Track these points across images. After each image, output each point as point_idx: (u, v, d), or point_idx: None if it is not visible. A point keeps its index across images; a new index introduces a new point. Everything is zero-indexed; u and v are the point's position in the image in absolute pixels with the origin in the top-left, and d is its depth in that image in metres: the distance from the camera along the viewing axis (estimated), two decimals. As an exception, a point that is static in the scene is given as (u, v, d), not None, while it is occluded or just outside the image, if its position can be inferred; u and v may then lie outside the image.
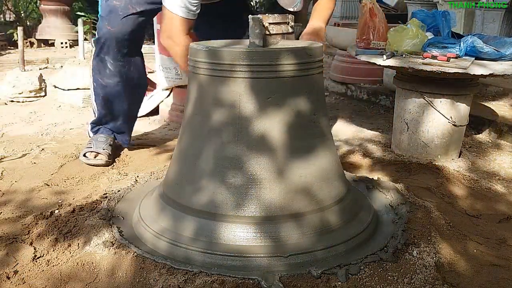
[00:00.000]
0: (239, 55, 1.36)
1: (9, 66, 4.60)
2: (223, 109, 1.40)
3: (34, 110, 3.25)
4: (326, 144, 1.51)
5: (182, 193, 1.47)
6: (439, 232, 1.52)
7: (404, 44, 2.23)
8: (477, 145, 2.60)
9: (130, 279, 1.27)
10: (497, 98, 3.27)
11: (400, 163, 2.26)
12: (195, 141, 1.47)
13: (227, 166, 1.39)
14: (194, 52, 1.46)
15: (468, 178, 2.11)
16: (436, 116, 2.24)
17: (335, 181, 1.51)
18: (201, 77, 1.45)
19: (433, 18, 2.45)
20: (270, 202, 1.37)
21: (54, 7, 6.37)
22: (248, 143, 1.39)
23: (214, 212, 1.38)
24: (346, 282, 1.24)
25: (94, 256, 1.35)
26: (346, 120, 3.13)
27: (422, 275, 1.28)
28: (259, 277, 1.24)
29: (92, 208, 1.66)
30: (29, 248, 1.44)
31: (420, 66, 2.05)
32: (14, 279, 1.30)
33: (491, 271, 1.38)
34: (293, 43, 1.59)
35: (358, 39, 2.46)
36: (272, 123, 1.39)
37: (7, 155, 2.33)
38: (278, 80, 1.39)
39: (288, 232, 1.36)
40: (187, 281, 1.23)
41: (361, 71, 3.77)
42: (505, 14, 4.12)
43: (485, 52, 2.13)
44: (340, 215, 1.46)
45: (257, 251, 1.33)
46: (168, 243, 1.40)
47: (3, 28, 6.72)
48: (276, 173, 1.39)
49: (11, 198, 1.85)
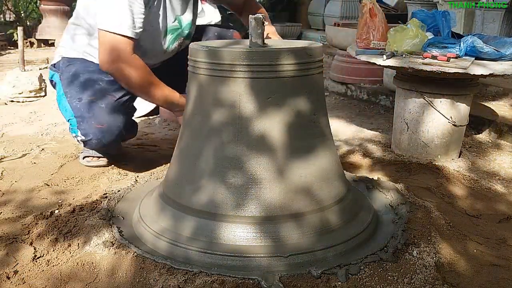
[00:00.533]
0: (239, 55, 1.36)
1: (9, 66, 4.60)
2: (223, 109, 1.40)
3: (34, 110, 3.25)
4: (326, 144, 1.51)
5: (182, 193, 1.47)
6: (439, 232, 1.52)
7: (404, 44, 2.23)
8: (477, 145, 2.60)
9: (130, 279, 1.28)
10: (497, 98, 3.27)
11: (400, 163, 2.26)
12: (195, 141, 1.47)
13: (227, 166, 1.39)
14: (194, 52, 1.46)
15: (468, 178, 2.11)
16: (436, 116, 2.24)
17: (335, 181, 1.51)
18: (201, 77, 1.45)
19: (433, 18, 2.45)
20: (270, 202, 1.37)
21: (54, 7, 6.37)
22: (248, 143, 1.39)
23: (214, 212, 1.38)
24: (346, 282, 1.24)
25: (94, 256, 1.35)
26: (346, 120, 3.13)
27: (422, 275, 1.28)
28: (259, 277, 1.24)
29: (92, 208, 1.66)
30: (29, 248, 1.44)
31: (420, 66, 2.05)
32: (14, 279, 1.30)
33: (491, 271, 1.38)
34: (293, 43, 1.59)
35: (358, 39, 2.46)
36: (272, 123, 1.39)
37: (7, 155, 2.33)
38: (278, 80, 1.39)
39: (288, 232, 1.36)
40: (187, 281, 1.23)
41: (361, 71, 3.78)
42: (505, 14, 4.12)
43: (485, 52, 2.13)
44: (340, 215, 1.46)
45: (257, 251, 1.33)
46: (168, 243, 1.40)
47: (3, 28, 6.73)
48: (276, 173, 1.39)
49: (11, 198, 1.85)
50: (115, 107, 1.90)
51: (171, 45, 2.07)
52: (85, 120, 1.88)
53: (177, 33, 2.06)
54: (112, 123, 1.88)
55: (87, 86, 1.92)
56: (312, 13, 6.71)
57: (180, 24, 2.05)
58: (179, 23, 2.05)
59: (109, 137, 1.89)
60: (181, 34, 2.08)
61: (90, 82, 1.93)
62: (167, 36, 2.03)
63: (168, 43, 2.06)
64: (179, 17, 2.05)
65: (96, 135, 1.88)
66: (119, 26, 1.77)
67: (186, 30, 2.10)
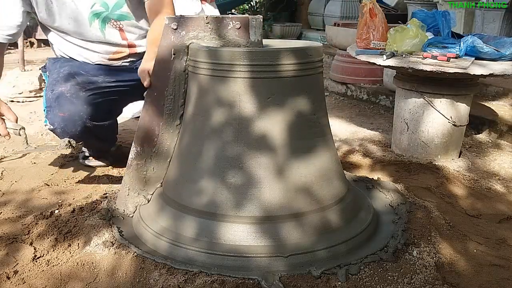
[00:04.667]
0: (239, 55, 1.36)
1: (9, 66, 4.59)
2: (223, 109, 1.40)
3: (34, 110, 3.25)
4: (326, 144, 1.51)
5: (182, 193, 1.47)
6: (439, 232, 1.52)
7: (404, 44, 2.24)
8: (477, 145, 2.60)
9: (130, 279, 1.28)
10: (497, 98, 3.27)
11: (400, 163, 2.26)
12: (195, 141, 1.47)
13: (227, 166, 1.39)
14: (194, 52, 1.46)
15: (468, 178, 2.11)
16: (436, 116, 2.24)
17: (335, 180, 1.51)
18: (201, 77, 1.45)
19: (433, 18, 2.45)
20: (270, 202, 1.37)
21: (54, 7, 6.37)
22: (248, 143, 1.39)
23: (214, 212, 1.38)
24: (346, 282, 1.24)
25: (94, 256, 1.35)
26: (346, 120, 3.13)
27: (422, 275, 1.28)
28: (259, 277, 1.24)
29: (92, 208, 1.66)
30: (29, 248, 1.44)
31: (420, 66, 2.05)
32: (14, 279, 1.30)
33: (491, 271, 1.38)
34: (293, 43, 1.59)
35: (358, 39, 2.46)
36: (272, 123, 1.39)
37: (7, 155, 2.33)
38: (278, 80, 1.39)
39: (288, 232, 1.36)
40: (187, 281, 1.23)
41: (361, 71, 3.78)
42: (505, 14, 4.11)
43: (485, 52, 2.13)
44: (340, 215, 1.46)
45: (257, 251, 1.33)
46: (168, 243, 1.40)
47: (3, 28, 6.71)
48: (276, 173, 1.39)
49: (11, 198, 1.85)
50: (79, 97, 1.90)
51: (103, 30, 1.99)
52: (51, 109, 1.91)
53: (104, 16, 1.97)
54: (73, 111, 1.88)
55: (62, 79, 1.95)
56: (312, 13, 6.71)
57: (106, 6, 1.96)
58: (105, 6, 1.95)
59: (71, 126, 1.89)
60: (110, 16, 1.98)
61: (67, 76, 1.96)
62: (93, 23, 1.97)
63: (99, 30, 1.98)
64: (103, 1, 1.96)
65: (59, 123, 1.89)
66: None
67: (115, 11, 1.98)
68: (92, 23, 1.95)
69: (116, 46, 2.03)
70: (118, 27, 2.00)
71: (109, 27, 1.98)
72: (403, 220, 1.56)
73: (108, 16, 1.96)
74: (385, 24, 2.41)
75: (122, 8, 1.97)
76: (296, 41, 1.68)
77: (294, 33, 6.53)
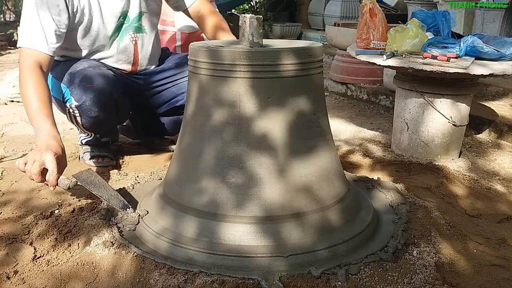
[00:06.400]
0: (240, 55, 1.36)
1: (9, 66, 4.61)
2: (223, 109, 1.40)
3: (34, 110, 3.25)
4: (326, 143, 1.51)
5: (183, 192, 1.47)
6: (439, 232, 1.52)
7: (404, 44, 2.24)
8: (477, 145, 2.60)
9: (130, 279, 1.28)
10: (497, 98, 3.27)
11: (400, 163, 2.26)
12: (196, 140, 1.47)
13: (227, 165, 1.39)
14: (195, 52, 1.46)
15: (468, 178, 2.11)
16: (436, 116, 2.24)
17: (336, 180, 1.51)
18: (201, 77, 1.45)
19: (433, 18, 2.45)
20: (271, 201, 1.37)
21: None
22: (248, 142, 1.39)
23: (215, 212, 1.38)
24: (346, 282, 1.24)
25: (94, 256, 1.35)
26: (346, 120, 3.13)
27: (422, 275, 1.28)
28: (259, 277, 1.24)
29: (92, 208, 1.66)
30: (29, 248, 1.44)
31: (420, 66, 2.05)
32: (14, 279, 1.30)
33: (491, 271, 1.38)
34: (293, 43, 1.59)
35: (358, 39, 2.46)
36: (273, 123, 1.39)
37: (7, 155, 2.33)
38: (278, 80, 1.39)
39: (288, 232, 1.36)
40: (187, 281, 1.23)
41: (361, 71, 3.78)
42: (505, 14, 4.11)
43: (485, 52, 2.13)
44: (340, 215, 1.46)
45: (257, 251, 1.33)
46: (168, 243, 1.40)
47: (3, 28, 6.73)
48: (277, 173, 1.39)
49: (11, 198, 1.85)
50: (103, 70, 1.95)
51: (121, 41, 2.08)
52: (75, 86, 1.89)
53: (124, 28, 2.08)
54: (101, 81, 1.89)
55: (79, 64, 2.00)
56: (312, 13, 6.71)
57: (127, 18, 2.06)
58: (125, 18, 2.05)
59: (102, 95, 1.89)
60: (130, 28, 2.09)
61: (77, 63, 2.01)
62: (116, 33, 2.06)
63: (117, 41, 2.08)
64: (126, 12, 2.05)
65: (89, 95, 1.87)
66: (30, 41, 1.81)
67: (134, 23, 2.09)
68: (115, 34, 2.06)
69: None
70: (132, 39, 2.11)
71: (127, 39, 2.09)
72: (403, 220, 1.56)
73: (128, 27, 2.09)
74: (385, 24, 2.41)
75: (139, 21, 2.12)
76: (296, 41, 1.68)
77: (294, 33, 6.53)
